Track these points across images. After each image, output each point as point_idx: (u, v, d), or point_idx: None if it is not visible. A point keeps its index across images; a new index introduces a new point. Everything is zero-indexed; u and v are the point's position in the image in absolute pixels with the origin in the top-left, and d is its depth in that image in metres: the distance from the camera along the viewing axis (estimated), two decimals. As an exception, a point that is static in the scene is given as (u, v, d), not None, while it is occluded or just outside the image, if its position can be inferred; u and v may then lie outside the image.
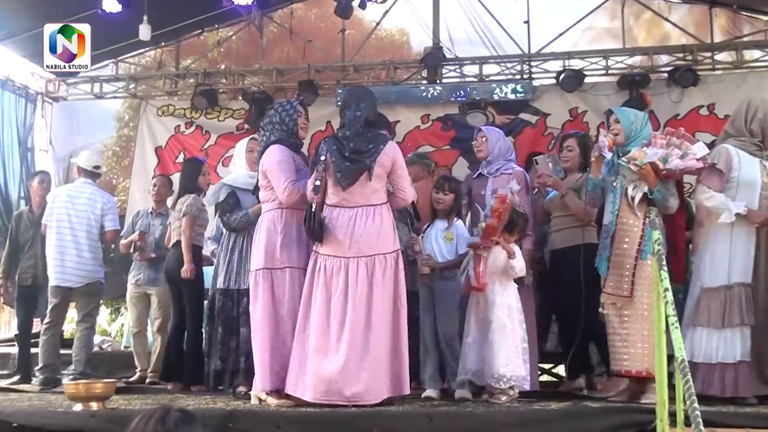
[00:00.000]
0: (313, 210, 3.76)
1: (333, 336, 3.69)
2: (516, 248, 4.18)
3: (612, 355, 3.97)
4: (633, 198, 3.91)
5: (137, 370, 5.94)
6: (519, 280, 4.22)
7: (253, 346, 3.98)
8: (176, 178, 8.14)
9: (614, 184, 4.01)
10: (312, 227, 3.76)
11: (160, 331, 5.85)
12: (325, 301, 3.74)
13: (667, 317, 2.99)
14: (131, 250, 6.03)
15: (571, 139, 4.88)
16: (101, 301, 5.93)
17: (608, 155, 4.01)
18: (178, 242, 5.27)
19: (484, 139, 4.81)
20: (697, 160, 3.81)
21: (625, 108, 4.51)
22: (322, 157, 3.81)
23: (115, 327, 10.27)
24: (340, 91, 8.02)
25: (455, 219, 4.46)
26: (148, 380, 5.80)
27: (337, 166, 3.78)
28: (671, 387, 3.09)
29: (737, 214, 3.94)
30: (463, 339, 4.14)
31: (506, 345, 3.95)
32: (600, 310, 4.05)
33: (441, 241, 4.41)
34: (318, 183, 3.77)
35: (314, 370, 3.69)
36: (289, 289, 3.91)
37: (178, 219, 5.30)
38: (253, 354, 3.97)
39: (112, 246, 6.32)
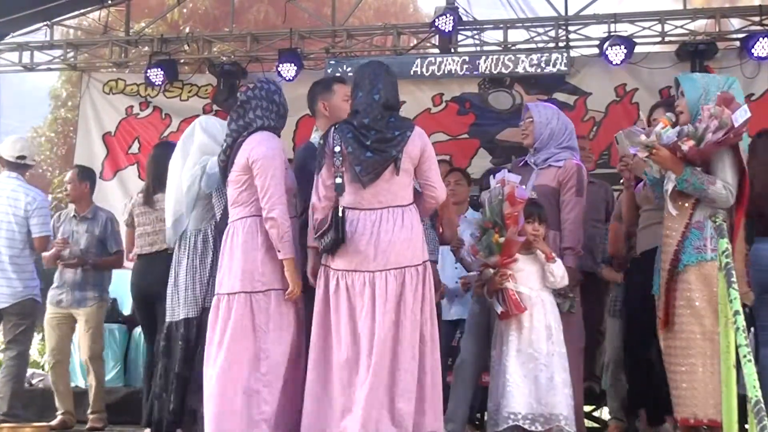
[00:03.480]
0: (340, 214, 3.73)
1: (362, 368, 3.67)
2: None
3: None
4: (667, 191, 3.87)
5: (58, 412, 5.81)
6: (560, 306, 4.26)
7: (206, 388, 3.90)
8: (128, 173, 8.45)
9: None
10: (339, 236, 3.70)
11: (94, 360, 5.85)
12: (350, 331, 3.72)
13: (737, 347, 2.97)
14: (59, 262, 5.90)
15: (660, 110, 4.63)
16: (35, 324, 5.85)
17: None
18: (160, 252, 5.06)
19: (530, 120, 4.67)
20: (725, 131, 3.65)
21: (696, 75, 4.34)
22: (337, 149, 3.81)
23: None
24: (331, 63, 8.03)
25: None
26: (89, 425, 5.77)
27: (356, 158, 3.77)
28: None
29: None
30: (501, 375, 4.09)
31: (564, 378, 3.99)
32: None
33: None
34: (340, 181, 3.77)
35: (341, 413, 3.68)
36: (274, 316, 3.88)
37: (158, 221, 5.09)
38: (206, 400, 3.89)
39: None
